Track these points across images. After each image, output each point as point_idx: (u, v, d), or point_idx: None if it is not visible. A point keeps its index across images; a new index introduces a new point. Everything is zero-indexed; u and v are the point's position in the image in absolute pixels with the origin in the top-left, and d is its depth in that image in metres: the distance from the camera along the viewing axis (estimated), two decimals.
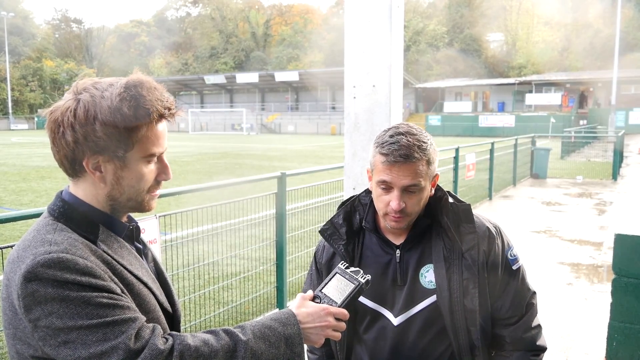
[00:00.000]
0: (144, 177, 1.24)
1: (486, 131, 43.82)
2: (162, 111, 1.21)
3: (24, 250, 1.13)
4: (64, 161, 1.21)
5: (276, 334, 1.23)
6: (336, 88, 59.63)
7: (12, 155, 24.54)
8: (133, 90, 1.18)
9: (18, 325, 1.11)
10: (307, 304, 1.33)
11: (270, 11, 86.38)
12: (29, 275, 1.07)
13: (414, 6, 70.36)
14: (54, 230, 1.17)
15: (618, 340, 3.23)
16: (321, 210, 5.74)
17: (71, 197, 1.24)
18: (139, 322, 1.12)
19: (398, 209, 1.53)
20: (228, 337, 1.18)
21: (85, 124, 1.15)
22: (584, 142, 23.99)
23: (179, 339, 1.14)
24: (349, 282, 1.36)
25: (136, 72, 1.23)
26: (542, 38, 63.25)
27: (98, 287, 1.10)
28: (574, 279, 6.29)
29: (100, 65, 79.30)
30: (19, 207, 10.63)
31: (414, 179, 1.52)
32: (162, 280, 1.38)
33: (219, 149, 29.86)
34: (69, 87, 1.22)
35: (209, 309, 4.67)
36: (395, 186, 1.53)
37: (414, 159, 1.50)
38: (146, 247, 1.39)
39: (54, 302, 1.07)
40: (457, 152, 9.99)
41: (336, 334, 1.32)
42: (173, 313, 1.35)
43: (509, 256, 1.67)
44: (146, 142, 1.21)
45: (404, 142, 1.51)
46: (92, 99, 1.17)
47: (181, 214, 4.01)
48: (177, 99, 68.88)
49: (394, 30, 2.85)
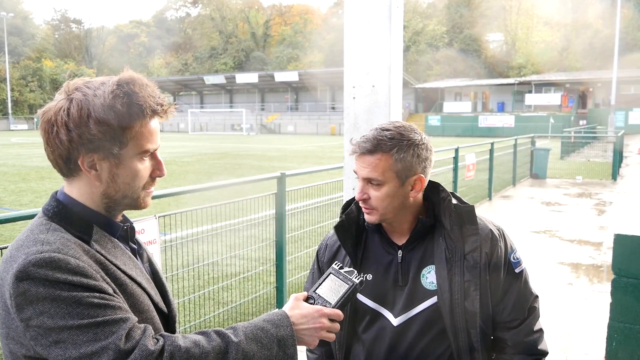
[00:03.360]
0: (138, 173, 1.24)
1: (486, 131, 43.81)
2: (154, 107, 1.21)
3: (16, 250, 1.14)
4: (58, 161, 1.20)
5: (268, 335, 1.22)
6: (336, 88, 59.62)
7: (12, 155, 24.53)
8: (125, 87, 1.18)
9: (10, 325, 1.11)
10: (301, 305, 1.32)
11: (270, 11, 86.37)
12: (20, 274, 1.07)
13: (413, 6, 70.37)
14: (47, 230, 1.17)
15: (618, 341, 3.23)
16: (321, 210, 5.74)
17: (65, 197, 1.24)
18: (129, 323, 1.12)
19: (359, 198, 1.58)
20: (219, 338, 1.18)
21: (79, 122, 1.15)
22: (584, 143, 23.98)
23: (169, 339, 1.14)
24: (342, 283, 1.35)
25: (127, 70, 1.24)
26: (542, 38, 63.25)
27: (89, 287, 1.10)
28: (574, 279, 6.29)
29: (99, 66, 79.28)
30: (19, 208, 10.62)
31: (372, 171, 1.53)
32: (158, 281, 1.38)
33: (219, 149, 29.86)
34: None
35: (209, 309, 4.67)
36: (359, 176, 1.57)
37: (374, 152, 1.52)
38: (141, 248, 1.39)
39: (45, 302, 1.06)
40: (456, 152, 9.99)
41: (330, 335, 1.31)
42: (168, 313, 1.34)
43: (512, 259, 1.67)
44: (140, 139, 1.21)
45: (372, 135, 1.54)
46: (85, 97, 1.17)
47: (181, 214, 4.01)
48: (177, 99, 69.02)
49: (393, 31, 2.85)
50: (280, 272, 5.02)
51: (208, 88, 69.09)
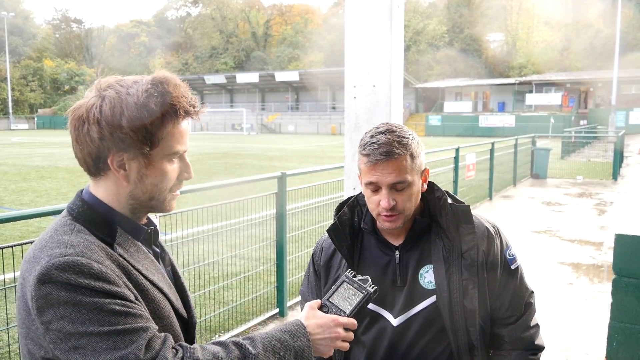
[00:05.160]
0: (167, 175, 1.22)
1: (486, 131, 43.82)
2: (187, 108, 1.20)
3: (40, 251, 1.12)
4: (87, 159, 1.18)
5: (286, 346, 1.21)
6: (336, 88, 59.58)
7: (12, 155, 24.54)
8: (160, 86, 1.17)
9: (31, 326, 1.11)
10: (317, 315, 1.30)
11: (270, 11, 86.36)
12: (43, 277, 1.06)
13: (414, 6, 70.33)
14: (71, 231, 1.15)
15: (618, 341, 3.22)
16: (321, 210, 5.74)
17: (91, 197, 1.22)
18: (150, 332, 1.10)
19: (388, 206, 1.53)
20: (238, 350, 1.16)
21: (111, 120, 1.13)
22: (584, 142, 23.98)
23: (188, 351, 1.12)
24: (357, 292, 1.33)
25: (160, 70, 1.22)
26: (542, 38, 63.22)
27: (111, 293, 1.09)
28: (575, 279, 6.29)
29: (100, 65, 79.29)
30: (19, 207, 10.63)
31: (399, 175, 1.51)
32: (179, 285, 1.36)
33: (219, 149, 29.86)
34: (69, 86, 1.22)
35: (209, 308, 4.67)
36: (382, 185, 1.53)
37: (395, 155, 1.50)
38: (164, 251, 1.37)
39: (67, 306, 1.05)
40: (457, 152, 9.98)
41: (345, 345, 1.31)
42: (188, 319, 1.33)
43: (508, 256, 1.68)
44: (171, 140, 1.20)
45: (383, 140, 1.51)
46: (117, 95, 1.15)
47: (181, 214, 4.01)
48: None
49: (394, 30, 2.85)
50: (280, 271, 5.02)
51: (208, 88, 69.07)
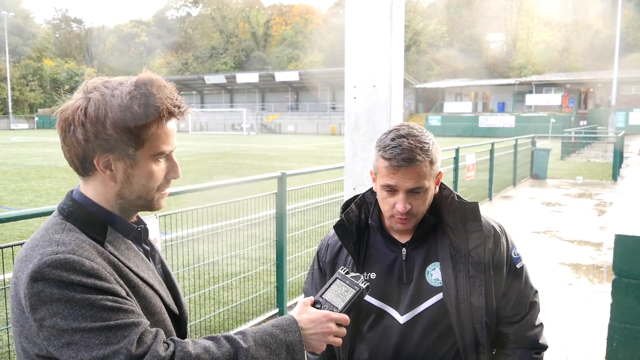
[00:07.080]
0: (153, 175, 1.24)
1: (486, 131, 43.80)
2: (172, 109, 1.21)
3: (32, 250, 1.14)
4: (74, 159, 1.21)
5: (277, 340, 1.23)
6: (336, 88, 59.59)
7: (12, 154, 24.54)
8: (143, 88, 1.18)
9: (24, 324, 1.12)
10: (309, 310, 1.32)
11: (270, 11, 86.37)
12: (35, 275, 1.08)
13: (414, 6, 70.33)
14: (62, 230, 1.17)
15: (618, 341, 3.23)
16: (321, 210, 5.74)
17: (81, 196, 1.25)
18: (141, 327, 1.12)
19: (404, 211, 1.54)
20: (229, 344, 1.18)
21: (96, 122, 1.16)
22: (584, 143, 23.98)
23: (180, 345, 1.14)
24: (349, 288, 1.36)
25: (145, 71, 1.23)
26: (542, 38, 63.21)
27: (103, 289, 1.11)
28: (575, 280, 6.29)
29: (100, 65, 79.27)
30: (19, 207, 10.62)
31: (418, 181, 1.52)
32: (170, 283, 1.38)
33: (219, 149, 29.86)
34: (69, 86, 1.22)
35: (209, 309, 4.67)
36: (400, 189, 1.53)
37: (417, 162, 1.50)
38: (154, 249, 1.40)
39: (59, 303, 1.07)
40: (457, 152, 9.98)
41: (337, 340, 1.32)
42: (180, 315, 1.35)
43: (513, 255, 1.69)
44: (156, 140, 1.21)
45: (406, 145, 1.50)
46: (102, 97, 1.17)
47: (181, 213, 4.01)
48: None
49: (394, 31, 2.85)
50: (280, 271, 5.02)
51: (208, 88, 69.11)
